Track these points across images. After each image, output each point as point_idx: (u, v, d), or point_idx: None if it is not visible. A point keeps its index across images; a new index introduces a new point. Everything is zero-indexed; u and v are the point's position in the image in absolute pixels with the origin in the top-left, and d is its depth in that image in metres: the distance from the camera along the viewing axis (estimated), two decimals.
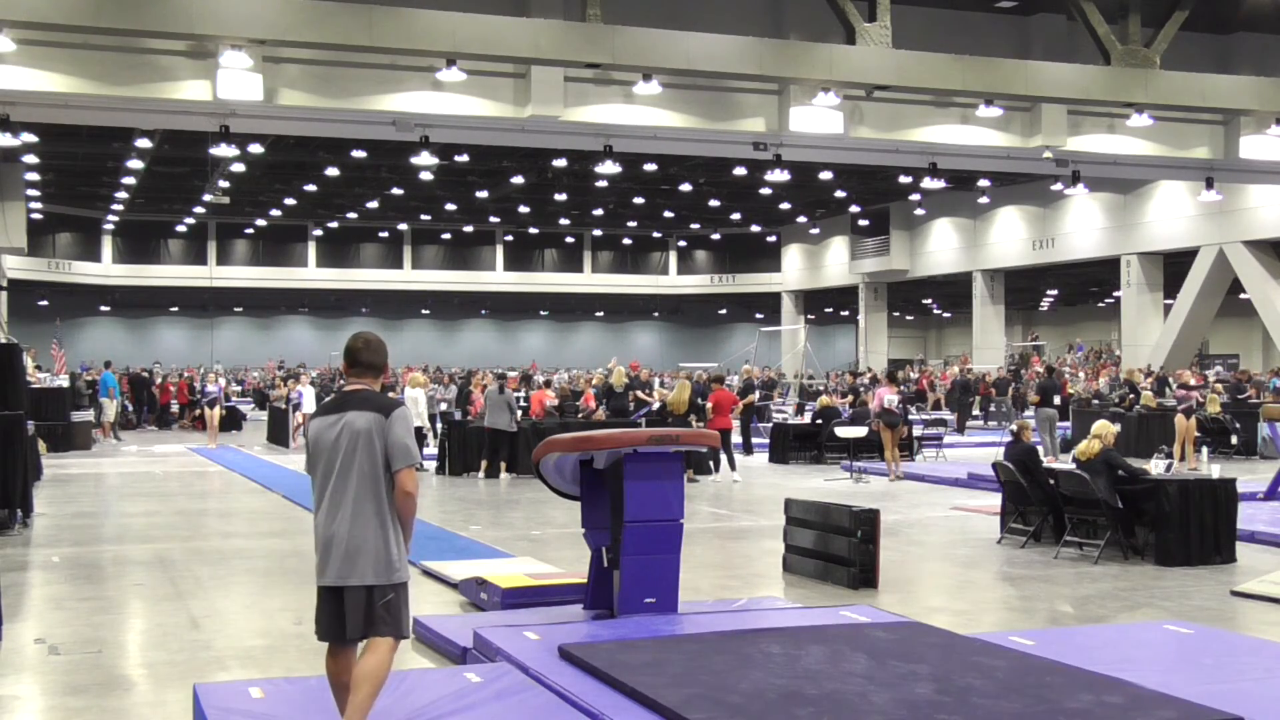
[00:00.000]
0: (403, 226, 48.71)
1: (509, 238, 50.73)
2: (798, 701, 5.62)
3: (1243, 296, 32.82)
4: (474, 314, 55.75)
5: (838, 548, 9.90)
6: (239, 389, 41.66)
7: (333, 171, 33.89)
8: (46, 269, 43.10)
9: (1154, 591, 9.66)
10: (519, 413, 19.40)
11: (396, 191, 38.53)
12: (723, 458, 18.48)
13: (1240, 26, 21.83)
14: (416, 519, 5.21)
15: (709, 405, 18.38)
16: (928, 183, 25.13)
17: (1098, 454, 11.04)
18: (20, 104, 16.76)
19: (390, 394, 7.83)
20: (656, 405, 20.52)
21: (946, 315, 59.88)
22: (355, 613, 4.89)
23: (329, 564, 5.00)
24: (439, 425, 21.62)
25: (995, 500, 13.18)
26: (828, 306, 54.48)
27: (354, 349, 5.23)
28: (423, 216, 46.75)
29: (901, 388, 22.67)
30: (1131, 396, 24.56)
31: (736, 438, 21.59)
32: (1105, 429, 11.34)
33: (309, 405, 23.74)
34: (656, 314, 57.22)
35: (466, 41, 15.81)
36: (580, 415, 20.85)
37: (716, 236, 51.56)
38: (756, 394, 25.03)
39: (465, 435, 19.45)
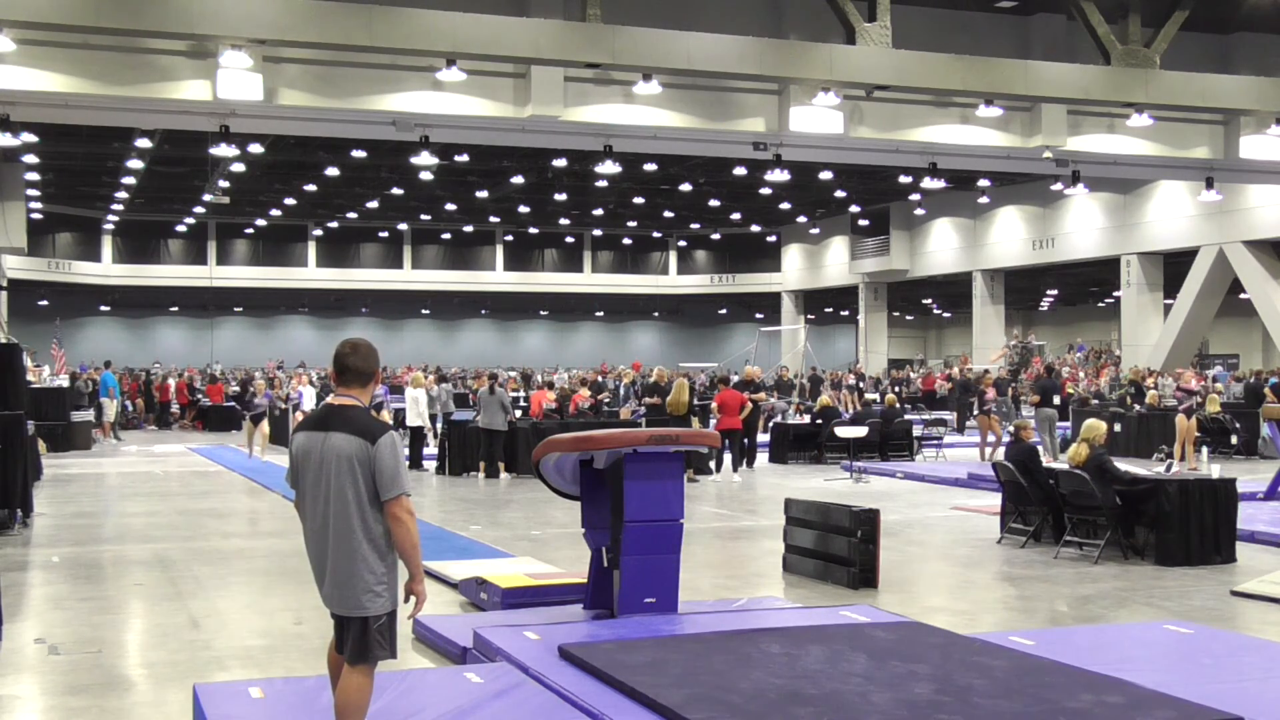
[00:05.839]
0: (403, 226, 48.68)
1: (509, 238, 50.69)
2: (798, 701, 5.62)
3: (1243, 296, 32.82)
4: (474, 314, 55.70)
5: (838, 548, 9.90)
6: (238, 389, 41.56)
7: (333, 171, 33.86)
8: (46, 269, 43.06)
9: (1154, 591, 9.66)
10: (516, 412, 19.39)
11: (396, 191, 38.50)
12: (726, 458, 18.48)
13: (1240, 26, 21.82)
14: (415, 519, 5.04)
15: (715, 404, 18.39)
16: (928, 183, 25.12)
17: (1086, 460, 10.97)
18: (20, 104, 16.75)
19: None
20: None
21: (946, 315, 59.85)
22: (352, 640, 4.88)
23: (322, 587, 4.96)
24: (439, 425, 21.62)
25: (995, 500, 13.18)
26: (828, 306, 54.47)
27: (341, 355, 4.95)
28: (423, 216, 46.73)
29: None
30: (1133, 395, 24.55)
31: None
32: (1094, 429, 11.19)
33: (309, 406, 23.74)
34: (656, 314, 57.20)
35: (466, 41, 15.80)
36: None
37: (716, 236, 51.54)
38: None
39: (465, 435, 19.46)
